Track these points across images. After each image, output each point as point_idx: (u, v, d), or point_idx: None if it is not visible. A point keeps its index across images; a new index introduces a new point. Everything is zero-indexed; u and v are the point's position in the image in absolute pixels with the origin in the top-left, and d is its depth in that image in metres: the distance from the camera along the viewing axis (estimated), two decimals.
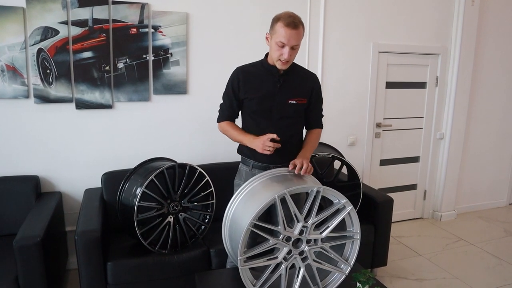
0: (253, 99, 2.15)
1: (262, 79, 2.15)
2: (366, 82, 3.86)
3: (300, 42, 2.05)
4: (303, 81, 2.21)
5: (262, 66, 2.18)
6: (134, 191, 2.50)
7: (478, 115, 4.47)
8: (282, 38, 1.98)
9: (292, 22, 1.97)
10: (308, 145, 2.24)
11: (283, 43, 1.99)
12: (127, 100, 3.07)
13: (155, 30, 3.03)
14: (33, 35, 2.76)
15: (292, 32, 1.97)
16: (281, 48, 2.02)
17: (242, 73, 2.18)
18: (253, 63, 2.24)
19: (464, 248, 3.74)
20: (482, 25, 4.19)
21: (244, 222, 1.77)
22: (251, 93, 2.15)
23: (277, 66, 2.09)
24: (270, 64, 2.14)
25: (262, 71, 2.17)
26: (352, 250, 2.00)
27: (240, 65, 2.24)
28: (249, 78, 2.17)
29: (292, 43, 2.00)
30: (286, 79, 2.15)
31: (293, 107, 2.17)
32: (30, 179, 2.83)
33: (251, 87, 2.15)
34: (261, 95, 2.13)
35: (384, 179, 4.18)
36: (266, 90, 2.13)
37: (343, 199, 1.88)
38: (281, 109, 2.15)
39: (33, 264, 2.19)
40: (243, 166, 2.30)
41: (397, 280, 3.15)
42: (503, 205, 4.91)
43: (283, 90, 2.14)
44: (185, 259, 2.54)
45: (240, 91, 2.18)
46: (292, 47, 2.02)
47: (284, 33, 1.97)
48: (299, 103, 2.18)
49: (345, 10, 3.64)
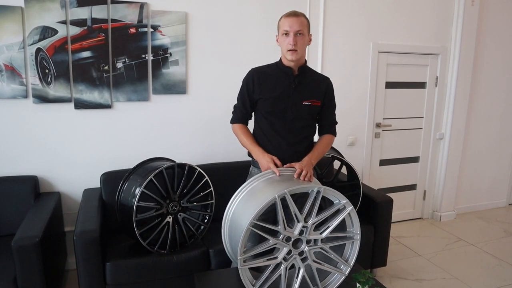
0: (268, 99, 2.17)
1: (277, 80, 2.18)
2: (365, 82, 3.86)
3: (304, 30, 2.10)
4: (317, 83, 2.24)
5: (277, 67, 2.22)
6: (133, 191, 2.49)
7: (477, 115, 4.47)
8: (285, 27, 2.09)
9: (292, 12, 2.11)
10: (316, 150, 2.22)
11: (286, 30, 2.08)
12: (126, 100, 3.06)
13: (154, 30, 3.02)
14: (32, 35, 2.75)
15: (293, 19, 2.08)
16: (286, 37, 2.09)
17: (257, 74, 2.21)
18: (268, 64, 2.27)
19: (463, 249, 3.74)
20: (482, 25, 4.19)
21: (244, 221, 1.76)
22: (266, 93, 2.17)
23: (287, 58, 2.12)
24: (284, 65, 2.18)
25: (277, 72, 2.20)
26: (352, 250, 2.00)
27: (255, 66, 2.26)
28: (264, 79, 2.19)
29: (295, 28, 2.06)
30: (301, 80, 2.18)
31: (307, 108, 2.19)
32: (28, 179, 2.82)
33: (266, 88, 2.18)
34: (276, 95, 2.16)
35: (383, 179, 4.18)
36: (281, 90, 2.16)
37: (344, 199, 1.88)
38: (295, 110, 2.16)
39: (31, 264, 2.18)
40: (254, 169, 2.31)
41: (396, 280, 3.15)
42: (502, 206, 4.91)
43: (298, 91, 2.17)
44: (184, 259, 2.54)
45: (255, 91, 2.20)
46: (297, 34, 2.07)
47: (286, 21, 2.09)
48: (313, 105, 2.20)
49: (344, 10, 3.64)
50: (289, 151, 2.16)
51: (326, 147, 2.28)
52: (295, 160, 2.13)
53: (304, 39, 2.11)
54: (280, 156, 2.13)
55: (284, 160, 2.13)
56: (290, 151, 2.16)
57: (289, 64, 2.16)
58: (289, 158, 2.13)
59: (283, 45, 2.13)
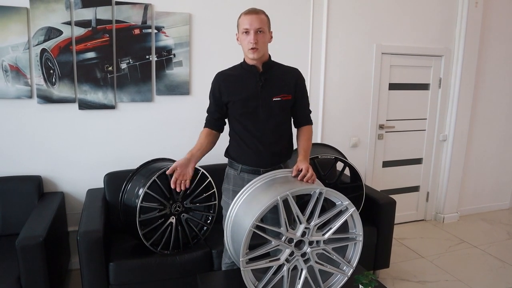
0: (237, 101, 2.11)
1: (243, 81, 2.13)
2: (369, 83, 3.85)
3: (265, 27, 2.05)
4: (284, 76, 2.18)
5: (241, 67, 2.17)
6: (136, 191, 2.50)
7: (481, 117, 4.45)
8: (245, 25, 2.03)
9: (251, 10, 2.06)
10: (304, 147, 2.17)
11: (246, 29, 2.03)
12: (130, 101, 3.07)
13: (158, 31, 3.03)
14: (37, 36, 2.76)
15: (252, 17, 2.02)
16: (247, 36, 2.04)
17: (222, 77, 2.18)
18: (233, 66, 2.23)
19: (467, 251, 3.73)
20: (486, 27, 4.18)
21: (246, 223, 1.76)
22: (234, 96, 2.12)
23: (249, 56, 2.07)
24: (248, 64, 2.13)
25: (242, 72, 2.15)
26: (354, 252, 2.00)
27: (221, 70, 2.23)
28: (230, 81, 2.15)
29: (255, 26, 2.01)
30: (267, 77, 2.12)
31: (279, 104, 2.13)
32: (32, 179, 2.84)
33: (233, 90, 2.13)
34: (245, 96, 2.10)
35: (386, 180, 4.17)
36: (249, 90, 2.11)
37: (346, 201, 1.87)
38: (267, 109, 2.11)
39: (35, 264, 2.19)
40: (230, 170, 2.25)
41: (399, 282, 3.14)
42: (506, 208, 4.89)
43: (266, 88, 2.11)
44: (187, 260, 2.54)
45: (223, 95, 2.15)
46: (258, 32, 2.02)
47: (245, 19, 2.04)
48: (284, 99, 2.14)
49: (348, 12, 3.64)
50: (267, 153, 2.12)
51: (310, 140, 2.24)
52: (275, 163, 2.13)
53: (265, 36, 2.06)
54: (259, 159, 2.11)
55: (263, 163, 2.12)
56: (267, 153, 2.12)
57: (252, 63, 2.11)
58: (268, 161, 2.11)
59: (244, 43, 2.08)
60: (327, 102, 3.72)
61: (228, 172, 2.28)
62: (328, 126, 3.78)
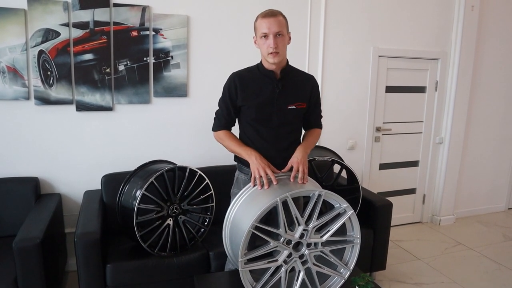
0: (251, 106, 2.06)
1: (260, 85, 2.07)
2: (366, 86, 3.87)
3: (283, 30, 1.99)
4: (302, 84, 2.15)
5: (258, 71, 2.10)
6: (134, 193, 2.50)
7: (477, 120, 4.48)
8: (263, 29, 1.97)
9: (269, 12, 1.98)
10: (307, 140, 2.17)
11: (265, 33, 1.96)
12: (128, 103, 3.07)
13: (156, 33, 3.04)
14: (34, 37, 2.76)
15: (270, 20, 1.96)
16: (266, 40, 1.98)
17: (238, 79, 2.08)
18: (249, 68, 2.15)
19: (462, 253, 3.74)
20: (482, 30, 4.21)
21: (245, 224, 1.77)
22: (249, 100, 2.06)
23: (269, 61, 2.01)
24: (266, 69, 2.07)
25: (259, 76, 2.09)
26: (352, 254, 2.00)
27: (236, 71, 2.14)
28: (246, 84, 2.07)
29: (274, 30, 1.95)
30: (285, 84, 2.08)
31: (293, 112, 2.10)
32: (29, 181, 2.83)
33: (249, 94, 2.06)
34: (260, 101, 2.05)
35: (383, 183, 4.19)
36: (265, 96, 2.05)
37: (344, 203, 1.88)
38: (281, 116, 2.08)
39: (32, 266, 2.18)
40: (240, 175, 2.22)
41: (395, 284, 3.15)
42: (502, 210, 4.92)
43: (283, 96, 2.07)
44: (184, 261, 2.54)
45: (238, 98, 2.08)
46: (277, 35, 1.96)
47: (263, 23, 1.97)
48: (299, 108, 2.12)
49: (345, 14, 3.66)
50: (278, 158, 2.08)
51: (316, 139, 2.24)
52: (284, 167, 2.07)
53: (284, 39, 2.00)
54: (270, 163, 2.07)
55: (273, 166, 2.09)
56: (279, 158, 2.08)
57: (271, 68, 2.05)
58: (278, 165, 2.06)
59: (263, 48, 2.00)
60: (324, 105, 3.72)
61: (238, 177, 2.25)
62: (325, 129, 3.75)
